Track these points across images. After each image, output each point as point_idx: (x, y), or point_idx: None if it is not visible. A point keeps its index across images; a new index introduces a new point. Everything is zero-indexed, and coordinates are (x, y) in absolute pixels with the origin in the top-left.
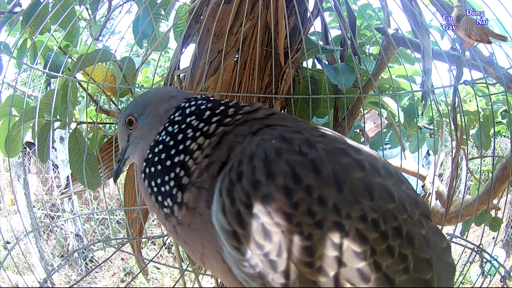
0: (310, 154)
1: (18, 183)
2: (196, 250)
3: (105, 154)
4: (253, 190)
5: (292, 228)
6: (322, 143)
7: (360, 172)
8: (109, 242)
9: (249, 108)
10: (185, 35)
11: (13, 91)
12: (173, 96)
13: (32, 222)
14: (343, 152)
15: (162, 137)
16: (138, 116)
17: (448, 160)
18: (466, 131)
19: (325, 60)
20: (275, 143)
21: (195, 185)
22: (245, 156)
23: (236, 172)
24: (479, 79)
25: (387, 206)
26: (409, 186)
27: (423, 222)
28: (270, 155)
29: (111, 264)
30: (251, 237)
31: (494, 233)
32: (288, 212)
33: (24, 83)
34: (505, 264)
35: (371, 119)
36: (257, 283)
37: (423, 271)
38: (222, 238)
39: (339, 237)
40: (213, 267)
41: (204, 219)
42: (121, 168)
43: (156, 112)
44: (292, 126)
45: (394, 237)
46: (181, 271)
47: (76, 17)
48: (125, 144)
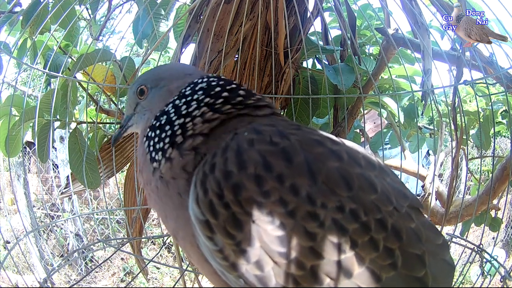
0: (282, 144)
1: (18, 183)
2: (169, 215)
3: (105, 154)
4: (224, 180)
5: (263, 218)
6: (296, 135)
7: (336, 162)
8: (109, 242)
9: (257, 100)
10: (185, 35)
11: (13, 91)
12: (189, 74)
13: (32, 222)
14: (318, 142)
15: (169, 108)
16: (150, 88)
17: (448, 160)
18: (466, 131)
19: (325, 60)
20: (248, 135)
21: (182, 151)
22: (219, 149)
23: (210, 164)
24: (479, 79)
25: (368, 197)
26: (394, 179)
27: (412, 216)
28: (242, 145)
29: (111, 264)
30: (222, 227)
31: (494, 233)
32: (259, 201)
33: (24, 83)
34: (505, 264)
35: (371, 119)
36: (233, 275)
37: (414, 268)
38: (197, 228)
39: (314, 227)
40: (187, 251)
41: (182, 201)
42: (122, 133)
43: (169, 88)
44: (270, 123)
45: (377, 229)
46: (181, 271)
47: (76, 17)
48: (131, 112)
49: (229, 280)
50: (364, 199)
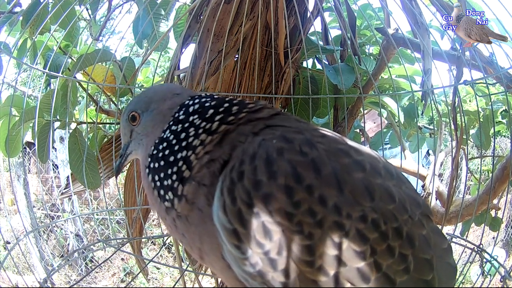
0: (311, 154)
1: (18, 183)
2: (194, 244)
3: (105, 154)
4: (254, 189)
5: (292, 227)
6: (323, 144)
7: (360, 173)
8: (109, 242)
9: (253, 106)
10: (185, 35)
11: (13, 91)
12: (176, 94)
13: (32, 222)
14: (344, 152)
15: (167, 135)
16: (141, 113)
17: (448, 160)
18: (466, 131)
19: (325, 60)
20: (277, 143)
21: (195, 179)
22: (246, 156)
23: (238, 172)
24: (479, 79)
25: (387, 207)
26: (409, 186)
27: (423, 223)
28: (271, 154)
29: (111, 264)
30: (251, 236)
31: (494, 233)
32: (289, 211)
33: (24, 83)
34: (505, 264)
35: (371, 119)
36: (257, 282)
37: (424, 272)
38: (223, 236)
39: (339, 237)
40: (213, 264)
41: (203, 215)
42: (123, 163)
43: (160, 110)
44: (293, 127)
45: (394, 237)
46: (181, 271)
47: (76, 17)
48: (127, 139)
49: (251, 286)
50: (384, 209)
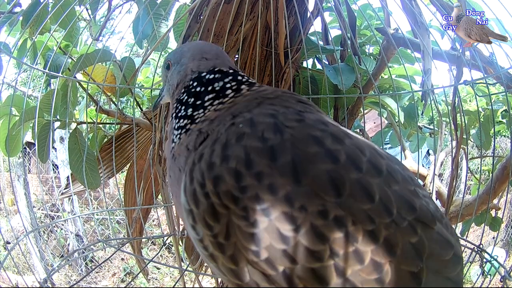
0: (272, 141)
1: (18, 183)
2: (173, 189)
3: (105, 154)
4: (207, 170)
5: (238, 212)
6: (294, 129)
7: (330, 164)
8: (109, 242)
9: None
10: (185, 35)
11: (13, 91)
12: (205, 58)
13: (32, 222)
14: (316, 140)
15: (185, 98)
16: (173, 63)
17: (448, 159)
18: (466, 130)
19: (325, 60)
20: (242, 127)
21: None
22: (211, 140)
23: (199, 154)
24: (479, 79)
25: (360, 206)
26: (406, 186)
27: (417, 229)
28: (230, 140)
29: (111, 264)
30: (202, 217)
31: (494, 233)
32: (235, 195)
33: (24, 83)
34: (505, 264)
35: (371, 119)
36: (213, 265)
37: (404, 286)
38: (185, 215)
39: (289, 230)
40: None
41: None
42: (159, 101)
43: (186, 67)
44: (275, 109)
45: (365, 241)
46: (181, 271)
47: (76, 17)
48: (164, 82)
49: (211, 267)
50: (354, 207)
